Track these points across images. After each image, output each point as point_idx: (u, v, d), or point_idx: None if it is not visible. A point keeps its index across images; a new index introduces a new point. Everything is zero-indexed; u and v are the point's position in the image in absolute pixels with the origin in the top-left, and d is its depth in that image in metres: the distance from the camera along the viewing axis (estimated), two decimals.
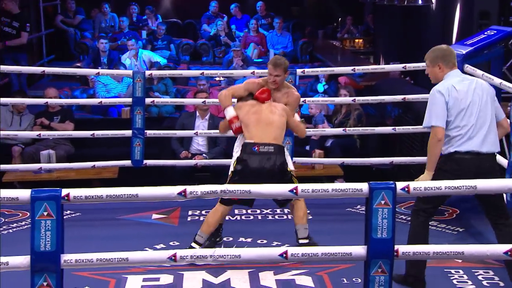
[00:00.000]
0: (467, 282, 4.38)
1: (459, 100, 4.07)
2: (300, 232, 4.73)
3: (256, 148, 4.60)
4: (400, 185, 3.12)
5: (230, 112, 4.81)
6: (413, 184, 3.21)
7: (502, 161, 5.26)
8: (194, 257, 3.31)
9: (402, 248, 3.18)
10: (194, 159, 6.52)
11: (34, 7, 11.67)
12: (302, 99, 6.13)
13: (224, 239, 5.13)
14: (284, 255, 3.23)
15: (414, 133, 6.04)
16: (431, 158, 4.19)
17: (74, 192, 3.06)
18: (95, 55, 10.36)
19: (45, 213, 3.00)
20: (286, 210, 5.66)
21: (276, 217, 5.68)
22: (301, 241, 4.69)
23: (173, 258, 3.17)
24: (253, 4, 13.11)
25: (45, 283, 3.05)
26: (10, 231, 5.30)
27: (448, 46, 4.44)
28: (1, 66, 7.84)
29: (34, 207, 3.02)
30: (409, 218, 5.23)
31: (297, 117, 5.09)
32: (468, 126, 4.08)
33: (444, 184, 3.28)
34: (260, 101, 4.80)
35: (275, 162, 4.60)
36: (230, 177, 4.69)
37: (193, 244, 4.61)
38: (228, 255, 3.34)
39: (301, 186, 3.18)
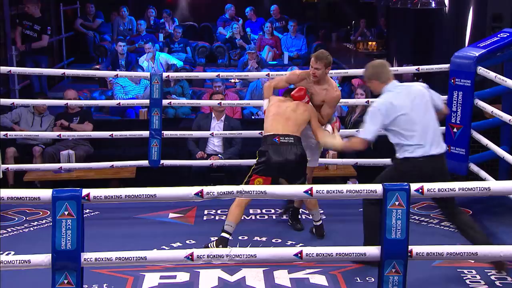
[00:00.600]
0: (480, 282, 4.34)
1: (399, 113, 4.25)
2: (315, 216, 5.05)
3: (277, 139, 4.67)
4: (414, 186, 3.13)
5: (264, 106, 5.07)
6: (427, 186, 3.20)
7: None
8: (211, 256, 3.32)
9: (416, 249, 3.17)
10: (210, 159, 6.52)
11: (54, 10, 11.74)
12: None
13: (239, 237, 5.11)
14: (299, 254, 3.25)
15: None
16: (348, 148, 4.99)
17: (94, 192, 3.09)
18: (114, 58, 10.39)
19: (66, 213, 3.04)
20: (301, 210, 5.61)
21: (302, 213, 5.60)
22: (315, 223, 5.06)
23: (190, 257, 3.18)
24: (267, 8, 13.11)
25: (65, 281, 3.07)
26: (32, 229, 5.32)
27: (381, 62, 4.62)
28: (23, 68, 7.95)
29: (55, 206, 3.05)
30: (422, 219, 5.26)
31: (329, 128, 5.03)
32: (414, 135, 4.27)
33: (458, 186, 3.28)
34: (294, 99, 4.86)
35: (296, 152, 4.69)
36: (253, 169, 4.75)
37: (223, 234, 4.65)
38: (244, 255, 3.35)
39: (316, 187, 3.19)
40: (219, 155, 6.65)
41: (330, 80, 5.04)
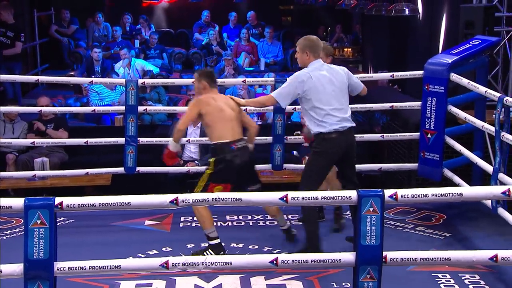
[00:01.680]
0: (454, 287, 4.39)
1: (317, 87, 4.61)
2: (280, 221, 5.18)
3: (234, 146, 4.76)
4: (388, 192, 3.14)
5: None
6: (400, 192, 3.21)
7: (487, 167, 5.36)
8: (186, 264, 3.30)
9: (391, 254, 3.18)
10: (187, 165, 6.53)
11: (28, 16, 11.67)
12: (292, 107, 6.17)
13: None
14: (275, 261, 3.24)
15: (401, 140, 6.07)
16: (258, 102, 5.26)
17: (67, 200, 3.06)
18: (89, 64, 10.38)
19: (39, 221, 3.01)
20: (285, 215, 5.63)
21: (267, 222, 5.68)
22: (282, 227, 5.17)
23: (165, 265, 3.17)
24: (244, 14, 13.12)
25: None
26: (4, 238, 5.27)
27: (318, 39, 4.87)
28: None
29: (27, 215, 3.02)
30: (398, 224, 5.30)
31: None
32: (327, 110, 4.62)
33: (431, 191, 3.30)
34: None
35: (249, 152, 4.96)
36: (210, 178, 4.79)
37: (210, 242, 4.76)
38: (219, 262, 3.34)
39: (291, 194, 3.18)
40: (196, 161, 6.66)
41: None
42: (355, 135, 4.84)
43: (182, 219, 5.71)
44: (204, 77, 5.02)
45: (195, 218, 5.63)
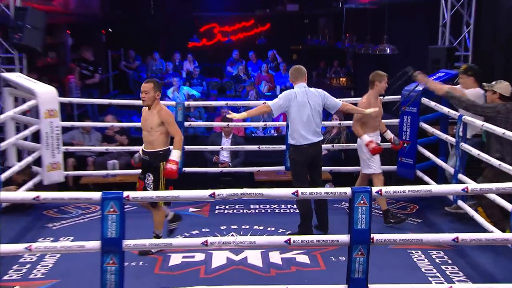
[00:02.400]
0: (424, 260, 4.38)
1: (297, 103, 4.63)
2: (154, 234, 4.47)
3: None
4: (375, 189, 3.13)
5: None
6: (384, 188, 3.22)
7: (450, 169, 5.34)
8: (221, 243, 3.32)
9: (377, 236, 3.16)
10: (220, 166, 6.53)
11: (104, 55, 11.82)
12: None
13: (243, 227, 5.12)
14: (288, 241, 3.23)
15: (384, 148, 6.03)
16: (257, 111, 5.02)
17: (133, 194, 3.10)
18: None
19: (112, 210, 3.04)
20: (289, 205, 5.65)
21: (282, 210, 5.64)
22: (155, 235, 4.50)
23: (205, 243, 3.18)
24: (265, 53, 13.17)
25: (111, 261, 3.08)
26: (86, 220, 5.34)
27: (300, 67, 4.90)
28: (79, 99, 7.99)
29: (103, 205, 3.05)
30: (381, 213, 5.25)
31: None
32: (302, 126, 4.63)
33: (407, 188, 3.29)
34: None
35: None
36: (167, 181, 4.34)
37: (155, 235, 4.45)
38: (246, 241, 3.35)
39: (301, 190, 3.18)
40: (229, 163, 6.67)
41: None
42: (349, 144, 4.87)
43: (216, 207, 5.69)
44: (159, 89, 4.40)
45: (227, 207, 5.74)
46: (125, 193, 3.04)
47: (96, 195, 3.09)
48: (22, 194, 3.38)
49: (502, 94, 4.84)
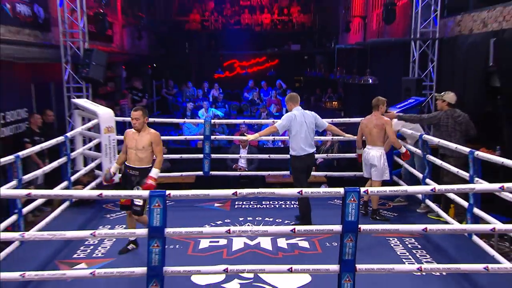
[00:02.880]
0: (399, 245, 4.32)
1: (297, 123, 4.62)
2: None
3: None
4: (362, 189, 3.10)
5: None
6: (370, 189, 3.19)
7: (419, 174, 5.23)
8: (240, 231, 3.30)
9: (363, 227, 3.10)
10: (239, 171, 6.53)
11: (150, 84, 11.94)
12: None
13: (257, 218, 5.07)
14: (293, 230, 3.21)
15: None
16: (266, 131, 4.84)
17: (173, 192, 3.08)
18: (184, 111, 10.51)
19: (157, 204, 3.02)
20: (293, 202, 5.55)
21: (287, 206, 5.56)
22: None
23: (228, 232, 3.16)
24: (274, 81, 13.21)
25: (155, 244, 3.05)
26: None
27: (295, 95, 4.92)
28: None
29: (150, 201, 3.01)
30: (362, 212, 5.10)
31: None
32: (301, 140, 4.63)
33: (388, 188, 3.27)
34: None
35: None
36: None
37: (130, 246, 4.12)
38: (260, 230, 3.32)
39: (304, 190, 3.14)
40: (246, 168, 6.65)
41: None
42: (341, 154, 4.79)
43: (236, 203, 5.62)
44: (147, 115, 4.09)
45: (244, 203, 5.65)
46: (167, 192, 3.03)
47: (145, 193, 3.08)
48: (89, 192, 3.38)
49: (449, 102, 4.86)
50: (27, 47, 6.27)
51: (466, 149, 4.18)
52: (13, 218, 4.03)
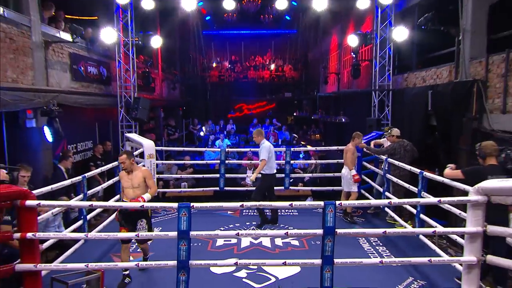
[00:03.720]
0: (366, 243, 4.28)
1: (271, 150, 4.78)
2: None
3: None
4: (337, 202, 3.03)
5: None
6: (343, 203, 3.14)
7: (380, 189, 5.15)
8: (248, 234, 3.24)
9: (339, 230, 3.03)
10: (246, 186, 6.45)
11: (181, 122, 11.96)
12: (292, 161, 6.01)
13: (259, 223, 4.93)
14: (287, 233, 3.14)
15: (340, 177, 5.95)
16: (261, 167, 4.71)
17: (196, 204, 3.01)
18: (206, 142, 10.56)
19: (183, 213, 2.95)
20: (286, 210, 5.43)
21: (282, 213, 5.41)
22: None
23: (238, 234, 3.09)
24: (271, 120, 13.28)
25: (183, 244, 2.97)
26: (167, 218, 5.28)
27: (261, 130, 4.98)
28: (167, 148, 7.90)
29: (179, 210, 2.97)
30: (342, 216, 5.07)
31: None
32: (273, 162, 4.79)
33: (357, 202, 3.25)
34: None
35: None
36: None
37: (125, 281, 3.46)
38: (261, 232, 3.31)
39: (294, 203, 3.08)
40: (251, 184, 6.51)
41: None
42: (323, 174, 4.70)
43: (244, 211, 5.53)
44: (132, 156, 3.56)
45: (250, 211, 5.48)
46: (191, 204, 2.97)
47: (175, 204, 3.00)
48: (133, 204, 3.33)
49: (397, 136, 5.02)
50: (94, 96, 6.44)
51: (417, 170, 4.17)
52: (80, 222, 4.06)
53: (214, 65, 15.74)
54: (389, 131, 5.10)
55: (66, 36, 5.52)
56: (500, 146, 3.34)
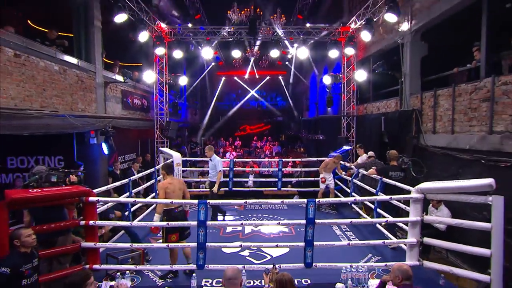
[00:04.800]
0: (337, 229, 4.25)
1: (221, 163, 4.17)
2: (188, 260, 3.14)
3: (176, 210, 3.09)
4: (317, 200, 3.03)
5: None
6: (321, 200, 3.25)
7: (347, 190, 5.08)
8: (248, 224, 3.24)
9: (318, 220, 3.02)
10: (249, 188, 6.27)
11: (200, 139, 11.64)
12: (284, 169, 5.97)
13: (258, 215, 4.86)
14: (279, 223, 3.15)
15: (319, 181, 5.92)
16: (219, 179, 4.18)
17: (211, 201, 3.02)
18: (218, 154, 10.27)
19: (202, 208, 2.92)
20: (279, 205, 5.25)
21: (276, 207, 5.32)
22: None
23: (242, 223, 3.15)
24: (268, 137, 13.23)
25: (201, 230, 2.94)
26: (190, 211, 5.01)
27: (212, 146, 4.43)
28: (190, 158, 7.33)
29: (198, 205, 2.94)
30: (321, 210, 5.04)
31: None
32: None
33: (331, 200, 3.34)
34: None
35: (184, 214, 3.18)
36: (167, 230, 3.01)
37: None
38: (259, 222, 3.30)
39: (285, 200, 3.12)
40: (252, 187, 6.45)
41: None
42: (307, 178, 4.55)
43: (247, 206, 5.37)
44: (164, 169, 3.16)
45: (251, 206, 5.40)
46: (208, 200, 2.98)
47: (195, 201, 2.99)
48: (164, 200, 3.36)
49: (369, 156, 4.95)
50: (137, 121, 6.54)
51: (378, 177, 4.16)
52: (126, 213, 4.11)
53: (225, 96, 15.96)
54: (358, 147, 5.11)
55: (119, 78, 5.74)
56: (404, 155, 3.85)
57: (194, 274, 2.76)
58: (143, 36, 5.61)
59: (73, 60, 4.40)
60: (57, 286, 2.66)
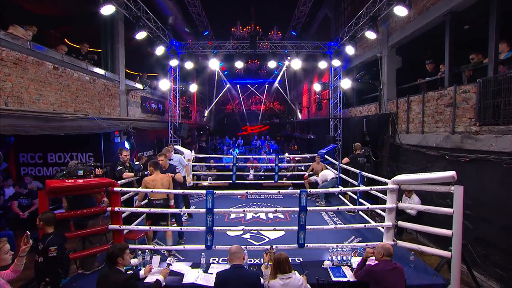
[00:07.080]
0: (326, 216, 4.26)
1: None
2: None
3: (154, 202, 2.99)
4: (308, 191, 2.98)
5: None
6: (312, 190, 3.10)
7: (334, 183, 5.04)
8: (249, 211, 3.19)
9: (309, 208, 2.98)
10: (249, 180, 6.20)
11: (208, 137, 11.50)
12: (280, 164, 5.87)
13: (258, 203, 4.82)
14: (275, 210, 3.11)
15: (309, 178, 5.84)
16: (187, 172, 3.64)
17: (217, 191, 2.97)
18: (223, 151, 10.27)
19: (209, 197, 2.90)
20: (275, 196, 5.23)
21: (274, 197, 5.25)
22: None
23: (244, 210, 3.11)
24: (266, 137, 13.21)
25: (209, 217, 2.91)
26: (199, 200, 5.02)
27: (168, 148, 3.98)
28: (199, 155, 7.31)
29: (206, 195, 2.92)
30: (311, 199, 4.99)
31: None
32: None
33: (320, 190, 3.27)
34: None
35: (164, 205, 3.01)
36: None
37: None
38: (259, 210, 3.24)
39: (281, 191, 3.05)
40: (252, 179, 6.38)
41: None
42: (300, 172, 4.39)
43: (248, 196, 5.14)
44: (152, 165, 3.05)
45: (252, 196, 5.20)
46: (214, 191, 2.96)
47: (204, 191, 2.91)
48: (179, 191, 3.35)
49: (357, 149, 4.74)
50: (154, 123, 6.55)
51: (357, 171, 4.16)
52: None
53: (229, 101, 15.94)
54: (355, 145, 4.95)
55: (139, 86, 5.80)
56: (365, 148, 4.09)
57: (203, 254, 2.79)
58: (160, 50, 5.73)
59: (101, 71, 4.53)
60: (88, 261, 2.78)
